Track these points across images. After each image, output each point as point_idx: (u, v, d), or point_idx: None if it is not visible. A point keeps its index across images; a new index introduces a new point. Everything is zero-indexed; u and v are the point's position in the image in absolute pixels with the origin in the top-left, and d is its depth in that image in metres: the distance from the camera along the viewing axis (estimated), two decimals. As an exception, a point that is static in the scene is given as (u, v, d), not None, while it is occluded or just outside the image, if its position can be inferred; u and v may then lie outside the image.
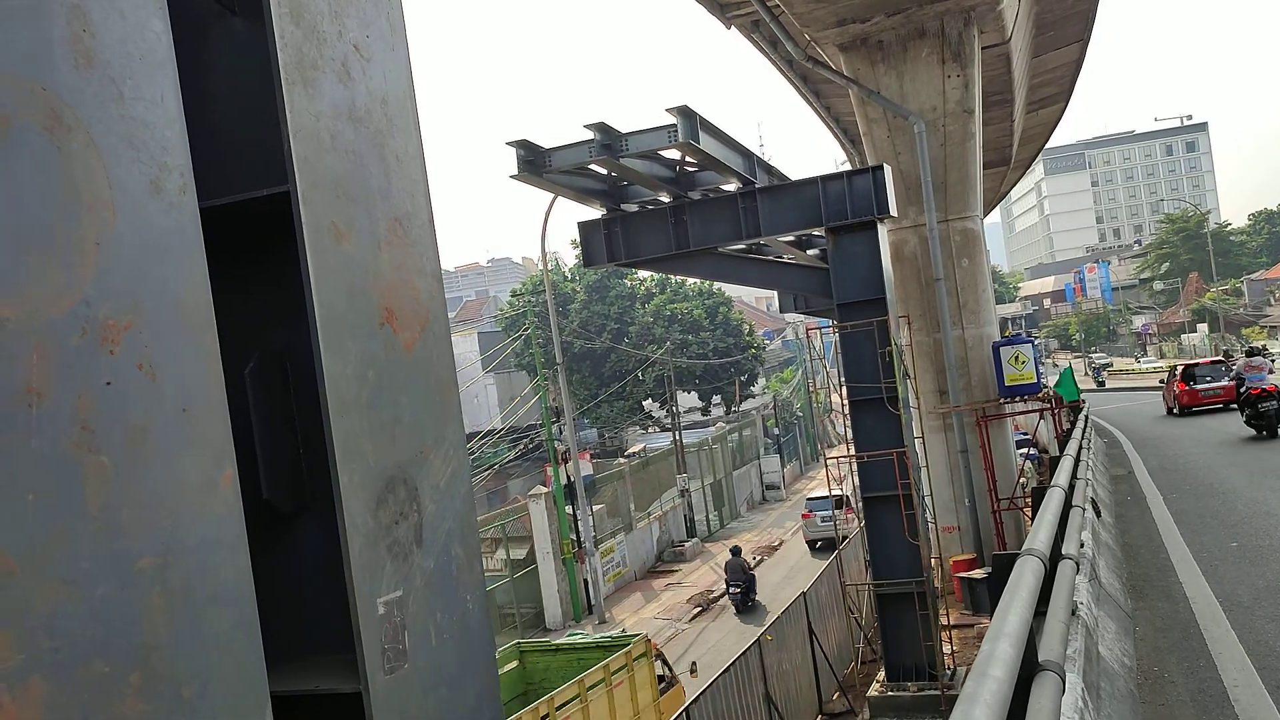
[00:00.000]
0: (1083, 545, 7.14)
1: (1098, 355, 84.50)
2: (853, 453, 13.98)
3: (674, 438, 37.45)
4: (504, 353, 45.15)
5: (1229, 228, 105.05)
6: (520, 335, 43.29)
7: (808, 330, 18.70)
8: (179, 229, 1.75)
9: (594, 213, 14.83)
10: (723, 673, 12.92)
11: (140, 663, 1.56)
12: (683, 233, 14.27)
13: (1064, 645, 4.09)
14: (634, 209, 14.72)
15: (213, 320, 1.80)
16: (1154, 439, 23.47)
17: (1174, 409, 31.00)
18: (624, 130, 12.12)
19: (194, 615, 1.66)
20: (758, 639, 14.16)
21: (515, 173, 12.61)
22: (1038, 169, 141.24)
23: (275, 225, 2.21)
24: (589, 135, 12.16)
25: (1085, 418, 19.40)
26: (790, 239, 15.51)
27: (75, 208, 1.56)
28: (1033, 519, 6.58)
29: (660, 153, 12.82)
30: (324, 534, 2.41)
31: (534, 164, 12.58)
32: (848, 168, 25.87)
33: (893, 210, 13.57)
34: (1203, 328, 80.00)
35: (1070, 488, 8.28)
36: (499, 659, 13.86)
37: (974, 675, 2.71)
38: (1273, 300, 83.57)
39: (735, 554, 26.19)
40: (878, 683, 14.40)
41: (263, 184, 2.19)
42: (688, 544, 33.36)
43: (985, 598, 15.62)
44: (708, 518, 37.30)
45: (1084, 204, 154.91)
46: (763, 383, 60.48)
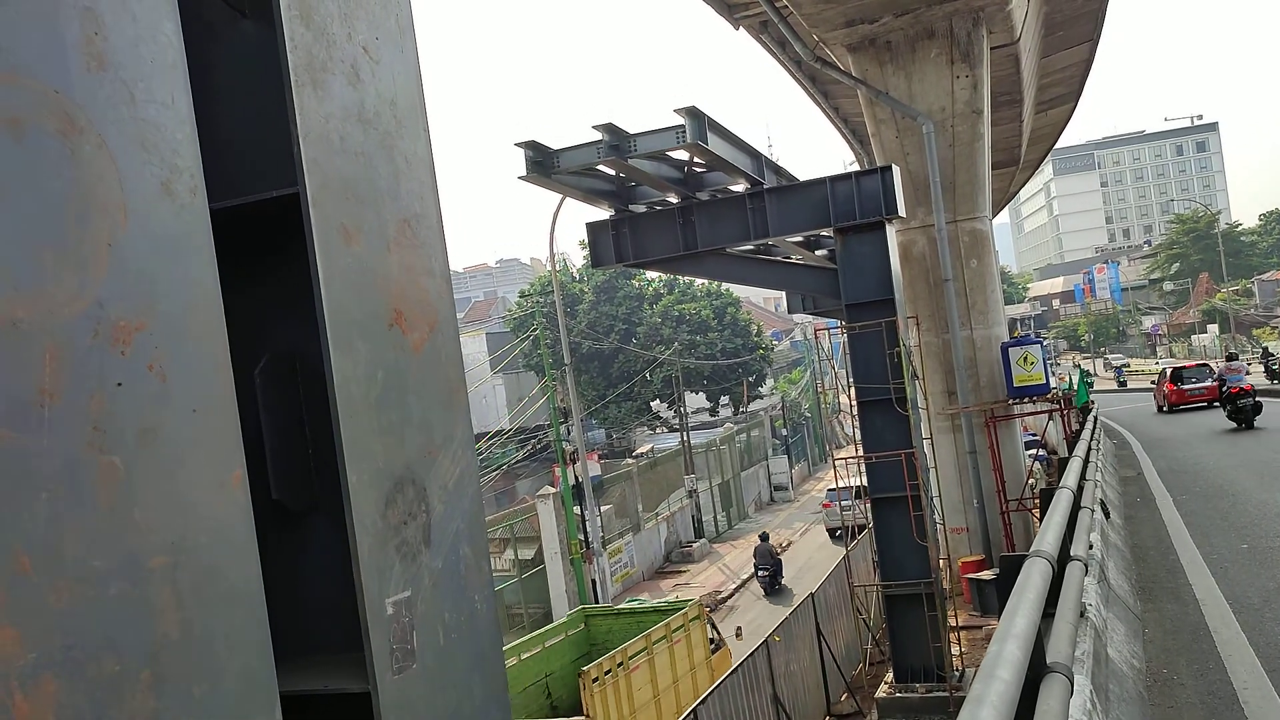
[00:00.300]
0: (1091, 547, 7.13)
1: (1115, 356, 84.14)
2: (861, 454, 13.98)
3: (682, 438, 37.45)
4: (512, 353, 45.18)
5: (1239, 228, 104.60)
6: (528, 336, 43.28)
7: (816, 331, 18.68)
8: (190, 230, 1.76)
9: (602, 213, 14.85)
10: (730, 674, 12.92)
11: (151, 661, 1.56)
12: (691, 233, 14.28)
13: (1072, 647, 4.09)
14: (642, 210, 14.73)
15: (223, 321, 1.81)
16: (1159, 439, 23.47)
17: (1163, 407, 34.17)
18: (632, 131, 12.13)
19: (204, 614, 1.67)
20: (765, 640, 14.16)
21: (524, 174, 12.64)
22: (1047, 169, 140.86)
23: (285, 227, 2.22)
24: (597, 136, 12.18)
25: (1094, 419, 19.38)
26: (798, 239, 15.50)
27: (87, 210, 1.56)
28: (1041, 520, 6.57)
29: (668, 153, 12.83)
30: (333, 534, 2.43)
31: (542, 165, 12.61)
32: (856, 168, 25.87)
33: (901, 211, 13.56)
34: (1213, 328, 79.66)
35: (1079, 489, 8.26)
36: (566, 623, 17.07)
37: (981, 677, 2.71)
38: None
39: (764, 539, 27.55)
40: (886, 684, 14.39)
41: (272, 185, 2.20)
42: (695, 545, 33.31)
43: (994, 599, 15.58)
44: (715, 518, 37.26)
45: (1093, 204, 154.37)
46: (771, 383, 60.38)
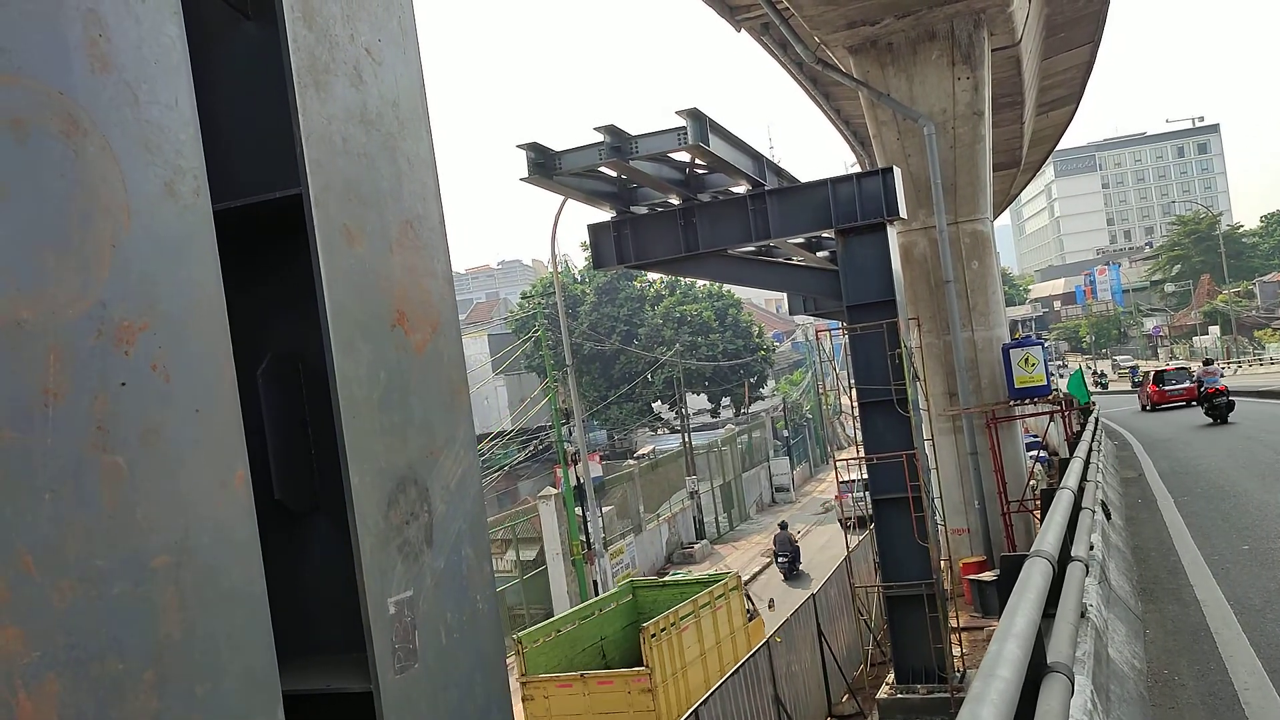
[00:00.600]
0: (1092, 548, 7.13)
1: (1123, 358, 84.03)
2: (862, 455, 13.98)
3: (683, 439, 37.45)
4: (514, 354, 45.19)
5: (1241, 230, 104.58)
6: (530, 337, 43.28)
7: (817, 332, 18.68)
8: (193, 231, 1.77)
9: (604, 215, 14.85)
10: (732, 674, 12.91)
11: (154, 660, 1.57)
12: (692, 235, 14.28)
13: (1073, 647, 4.09)
14: (644, 211, 14.74)
15: (226, 321, 1.82)
16: (1160, 439, 23.47)
17: (1147, 406, 39.10)
18: (634, 133, 12.14)
19: (207, 614, 1.68)
20: (766, 640, 14.16)
21: (526, 175, 12.65)
22: (1048, 171, 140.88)
23: (288, 227, 2.23)
24: (599, 138, 12.19)
25: (1095, 420, 19.38)
26: (800, 241, 15.51)
27: (91, 210, 1.57)
28: (1042, 521, 6.57)
29: (670, 155, 12.84)
30: (335, 534, 2.43)
31: (544, 166, 12.62)
32: (857, 170, 25.87)
33: (902, 212, 13.56)
34: (1214, 330, 79.64)
35: (1080, 490, 8.26)
36: (617, 593, 18.43)
37: (981, 676, 2.71)
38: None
39: (783, 527, 28.83)
40: (887, 685, 14.38)
41: (275, 186, 2.20)
42: (697, 545, 33.31)
43: (995, 600, 15.58)
44: (717, 519, 37.24)
45: (1095, 206, 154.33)
46: (772, 385, 60.38)
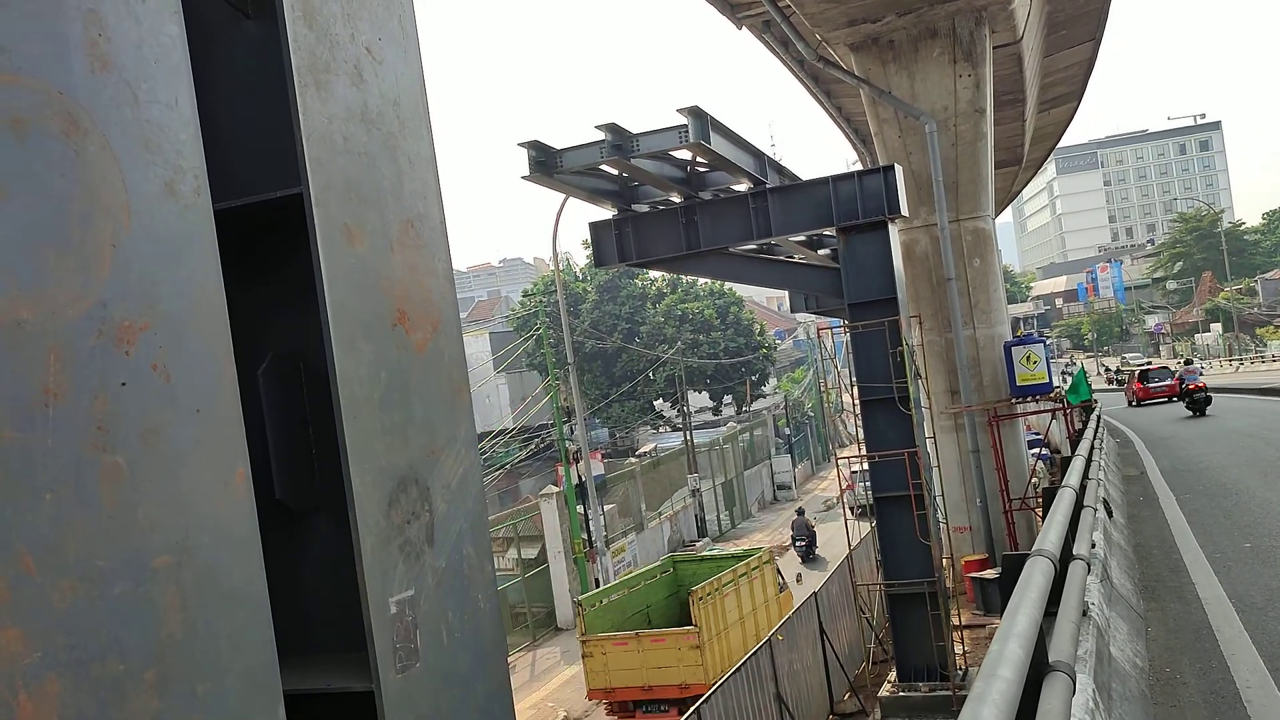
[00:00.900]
0: (1094, 546, 7.12)
1: (1133, 355, 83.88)
2: (864, 453, 13.97)
3: (685, 437, 37.45)
4: (515, 353, 45.19)
5: (1243, 227, 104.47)
6: (532, 335, 43.29)
7: (819, 330, 18.73)
8: (193, 231, 1.77)
9: (605, 213, 14.84)
10: (734, 672, 12.91)
11: (155, 660, 1.57)
12: (694, 233, 14.27)
13: (1074, 646, 4.08)
14: (645, 209, 14.72)
15: (226, 321, 1.81)
16: (1161, 437, 23.47)
17: (1133, 402, 42.59)
18: (635, 131, 12.13)
19: (208, 613, 1.68)
20: (768, 638, 14.16)
21: (527, 173, 12.64)
22: (1050, 168, 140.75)
23: (288, 227, 2.22)
24: (600, 136, 12.17)
25: (1097, 418, 19.37)
26: (801, 239, 15.49)
27: (91, 210, 1.57)
28: (1044, 519, 6.56)
29: (671, 153, 12.83)
30: (336, 533, 2.43)
31: (545, 165, 12.61)
32: (859, 168, 25.84)
33: (904, 210, 13.55)
34: (1216, 327, 79.52)
35: (1082, 488, 8.25)
36: (659, 566, 20.24)
37: (983, 675, 2.71)
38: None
39: (800, 514, 30.90)
40: (889, 683, 14.38)
41: (276, 186, 2.20)
42: (699, 543, 33.28)
43: (996, 598, 15.58)
44: (719, 517, 37.25)
45: (1096, 203, 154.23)
46: (774, 382, 60.40)
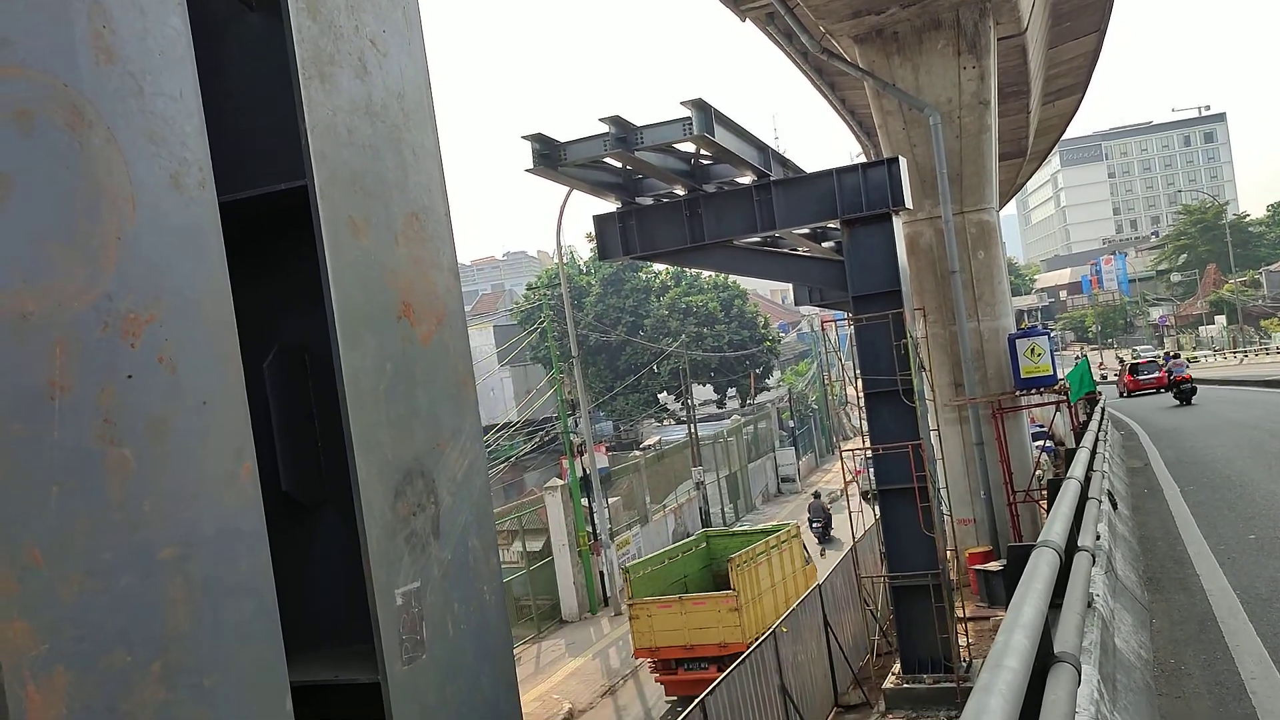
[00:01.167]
0: (1099, 537, 7.12)
1: (1144, 348, 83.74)
2: (868, 445, 13.97)
3: (689, 430, 37.44)
4: (520, 346, 45.21)
5: (1247, 219, 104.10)
6: (536, 328, 43.33)
7: (823, 323, 18.68)
8: (198, 223, 1.77)
9: (609, 206, 14.83)
10: (738, 665, 12.92)
11: (162, 652, 1.57)
12: (698, 225, 14.26)
13: (1079, 637, 4.08)
14: (649, 202, 14.72)
15: (232, 313, 1.81)
16: (1165, 429, 23.45)
17: (1124, 392, 45.06)
18: (639, 123, 12.12)
19: (214, 605, 1.68)
20: (772, 629, 14.17)
21: (531, 166, 12.64)
22: (1054, 160, 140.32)
23: (293, 219, 2.22)
24: (604, 129, 12.16)
25: (1101, 410, 19.34)
26: (805, 232, 15.47)
27: (96, 202, 1.57)
28: (1048, 511, 6.56)
29: (675, 146, 12.82)
30: (342, 526, 2.43)
31: (549, 157, 12.60)
32: (863, 160, 25.78)
33: (908, 202, 13.53)
34: (1221, 319, 79.37)
35: (1086, 480, 8.24)
36: (694, 540, 21.44)
37: (989, 666, 2.71)
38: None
39: (816, 496, 32.29)
40: (893, 675, 14.40)
41: (281, 178, 2.20)
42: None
43: (1001, 590, 15.58)
44: (723, 510, 37.25)
45: (1101, 195, 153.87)
46: (778, 375, 60.40)
